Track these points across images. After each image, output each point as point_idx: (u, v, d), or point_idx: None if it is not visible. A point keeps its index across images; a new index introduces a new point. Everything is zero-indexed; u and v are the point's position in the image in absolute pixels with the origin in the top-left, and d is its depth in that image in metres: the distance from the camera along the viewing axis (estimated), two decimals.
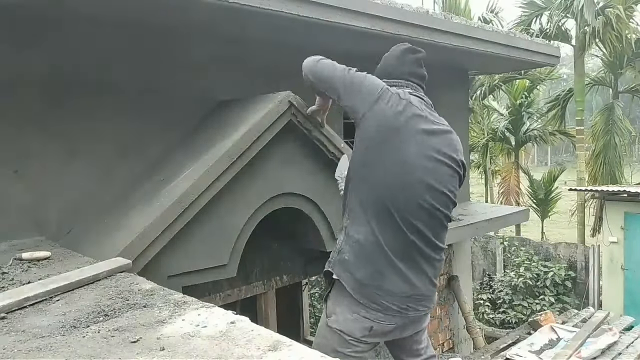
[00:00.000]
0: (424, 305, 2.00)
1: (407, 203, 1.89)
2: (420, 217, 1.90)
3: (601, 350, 4.08)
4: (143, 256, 2.05)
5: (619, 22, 10.06)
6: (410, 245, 1.91)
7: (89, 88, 2.58)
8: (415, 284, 1.93)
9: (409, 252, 1.91)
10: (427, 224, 1.93)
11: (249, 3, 2.41)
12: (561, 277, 9.18)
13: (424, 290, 1.97)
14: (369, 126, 1.94)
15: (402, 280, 1.90)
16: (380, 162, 1.91)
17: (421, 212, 1.91)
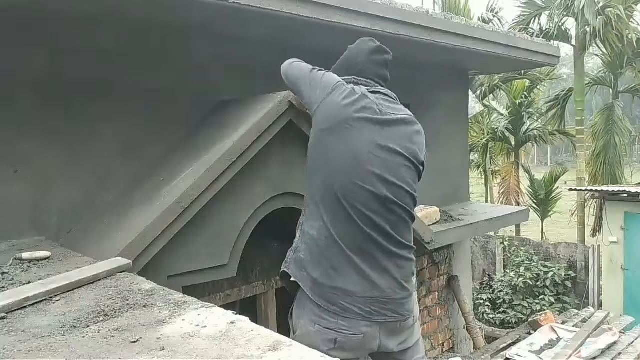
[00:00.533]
0: (393, 310, 1.85)
1: (359, 194, 1.82)
2: (375, 210, 1.83)
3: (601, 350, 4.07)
4: (143, 256, 2.05)
5: (619, 22, 10.06)
6: (366, 240, 1.82)
7: (89, 88, 2.58)
8: (376, 283, 1.81)
9: (366, 246, 1.82)
10: (384, 217, 1.85)
11: (249, 3, 2.41)
12: (561, 277, 9.18)
13: (390, 292, 1.84)
14: (320, 118, 1.94)
15: (360, 276, 1.79)
16: (330, 153, 1.87)
17: (375, 204, 1.83)
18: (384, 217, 1.85)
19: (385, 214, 1.86)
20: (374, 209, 1.84)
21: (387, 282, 1.84)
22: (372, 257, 1.83)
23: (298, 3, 2.61)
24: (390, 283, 1.85)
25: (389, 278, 1.85)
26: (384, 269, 1.85)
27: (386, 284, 1.84)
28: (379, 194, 1.84)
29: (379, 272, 1.83)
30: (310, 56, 3.51)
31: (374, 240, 1.83)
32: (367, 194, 1.83)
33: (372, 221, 1.83)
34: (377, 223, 1.84)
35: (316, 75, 2.10)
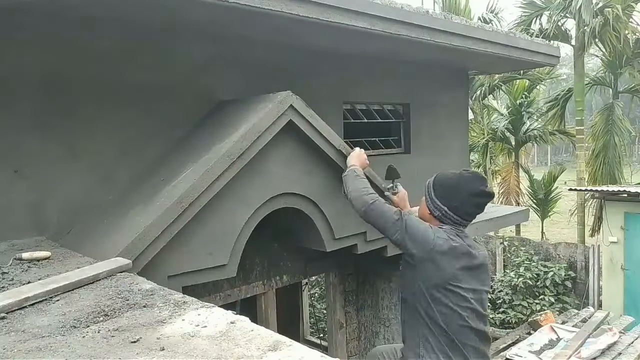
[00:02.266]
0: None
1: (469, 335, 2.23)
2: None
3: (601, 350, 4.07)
4: (143, 256, 2.05)
5: (617, 21, 10.06)
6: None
7: (89, 88, 2.58)
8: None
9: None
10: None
11: (249, 3, 2.41)
12: (561, 277, 9.18)
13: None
14: (425, 276, 2.23)
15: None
16: (441, 307, 2.22)
17: (475, 337, 2.23)
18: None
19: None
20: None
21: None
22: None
23: (298, 3, 2.61)
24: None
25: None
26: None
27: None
28: (477, 328, 2.23)
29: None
30: (310, 56, 3.53)
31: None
32: (472, 331, 2.23)
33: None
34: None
35: (410, 225, 2.30)
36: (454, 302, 2.19)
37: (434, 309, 2.20)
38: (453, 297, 2.19)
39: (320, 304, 7.54)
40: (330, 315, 3.99)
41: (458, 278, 2.20)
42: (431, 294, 2.21)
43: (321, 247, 2.91)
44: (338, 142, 2.78)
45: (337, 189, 2.88)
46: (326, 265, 3.77)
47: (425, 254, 2.22)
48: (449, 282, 2.19)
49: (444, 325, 2.18)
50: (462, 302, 2.19)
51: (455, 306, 2.19)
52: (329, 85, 3.70)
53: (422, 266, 2.25)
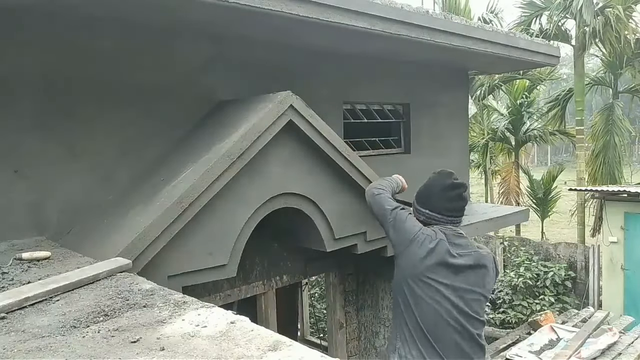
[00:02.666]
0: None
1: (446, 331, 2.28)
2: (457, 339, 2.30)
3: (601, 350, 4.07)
4: (143, 256, 2.05)
5: (618, 22, 10.06)
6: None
7: (89, 88, 2.58)
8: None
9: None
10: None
11: (249, 3, 2.41)
12: (561, 277, 9.18)
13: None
14: (403, 264, 2.38)
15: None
16: (413, 298, 2.31)
17: (457, 336, 2.27)
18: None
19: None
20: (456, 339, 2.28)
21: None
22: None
23: (298, 3, 2.61)
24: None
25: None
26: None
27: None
28: (457, 325, 2.26)
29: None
30: (310, 56, 3.53)
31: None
32: (450, 327, 2.26)
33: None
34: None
35: (399, 217, 2.46)
36: (430, 295, 2.25)
37: (410, 301, 2.29)
38: (428, 290, 2.26)
39: (320, 304, 7.54)
40: (330, 315, 3.99)
41: (434, 271, 2.28)
42: (408, 284, 2.30)
43: (321, 247, 2.91)
44: (338, 142, 2.78)
45: (337, 189, 2.88)
46: (326, 265, 3.77)
47: (405, 243, 2.36)
48: (424, 274, 2.28)
49: (419, 318, 2.24)
50: (437, 296, 2.24)
51: (430, 300, 2.25)
52: (329, 85, 3.70)
53: (402, 256, 2.39)
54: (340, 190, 2.90)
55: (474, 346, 2.29)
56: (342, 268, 3.91)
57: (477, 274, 2.35)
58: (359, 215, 3.01)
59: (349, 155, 2.83)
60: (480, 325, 2.32)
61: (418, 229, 2.38)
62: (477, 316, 2.30)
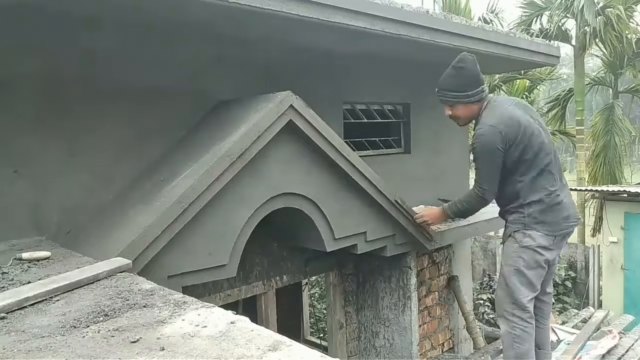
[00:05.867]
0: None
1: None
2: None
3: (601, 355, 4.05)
4: (143, 256, 2.05)
5: (619, 22, 10.06)
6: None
7: (89, 88, 2.58)
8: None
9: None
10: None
11: (249, 3, 2.41)
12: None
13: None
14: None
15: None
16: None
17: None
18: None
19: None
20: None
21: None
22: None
23: (298, 3, 2.61)
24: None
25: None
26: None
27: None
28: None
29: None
30: (310, 56, 3.53)
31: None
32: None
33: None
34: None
35: (489, 166, 2.77)
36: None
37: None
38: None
39: (320, 304, 7.54)
40: (330, 315, 3.99)
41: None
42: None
43: (321, 247, 2.91)
44: (338, 142, 2.78)
45: (337, 189, 2.88)
46: (326, 265, 3.77)
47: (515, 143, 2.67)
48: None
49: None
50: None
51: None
52: (329, 85, 3.69)
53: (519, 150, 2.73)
54: (340, 190, 2.90)
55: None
56: (342, 268, 3.91)
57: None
58: (359, 215, 3.01)
59: (349, 155, 2.83)
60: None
61: (494, 142, 2.64)
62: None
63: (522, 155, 2.68)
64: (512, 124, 2.67)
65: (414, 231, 3.31)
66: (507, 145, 2.66)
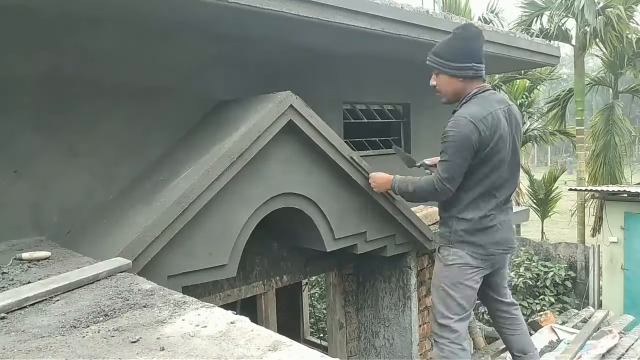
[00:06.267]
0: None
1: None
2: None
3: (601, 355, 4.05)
4: (143, 256, 2.05)
5: (619, 22, 10.07)
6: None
7: (89, 88, 2.58)
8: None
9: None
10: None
11: (249, 3, 2.41)
12: (561, 277, 9.18)
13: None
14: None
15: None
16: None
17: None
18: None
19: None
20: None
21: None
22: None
23: (298, 3, 2.61)
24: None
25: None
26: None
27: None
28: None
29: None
30: (310, 56, 3.53)
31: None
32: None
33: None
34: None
35: (454, 155, 2.46)
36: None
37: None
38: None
39: (320, 304, 7.54)
40: (330, 315, 3.99)
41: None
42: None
43: (321, 247, 2.91)
44: (338, 142, 2.78)
45: (337, 189, 2.88)
46: (326, 265, 3.77)
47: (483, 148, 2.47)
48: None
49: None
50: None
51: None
52: (329, 85, 3.69)
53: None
54: (340, 190, 2.90)
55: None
56: (342, 268, 3.91)
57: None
58: (359, 215, 3.01)
59: (349, 155, 2.83)
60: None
61: (466, 134, 2.41)
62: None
63: (478, 167, 2.47)
64: (492, 131, 2.43)
65: (414, 231, 3.31)
66: (477, 149, 2.43)
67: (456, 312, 2.58)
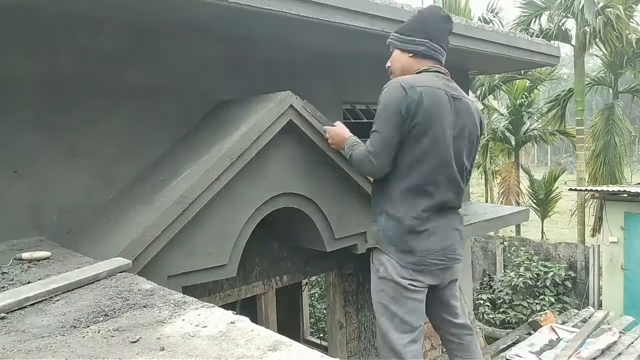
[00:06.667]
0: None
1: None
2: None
3: (601, 350, 4.07)
4: (143, 256, 2.04)
5: (619, 22, 10.07)
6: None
7: (89, 88, 2.58)
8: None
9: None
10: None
11: (249, 3, 2.41)
12: (561, 277, 9.19)
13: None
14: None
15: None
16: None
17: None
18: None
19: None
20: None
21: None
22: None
23: (298, 3, 2.61)
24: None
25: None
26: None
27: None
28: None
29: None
30: (310, 56, 3.53)
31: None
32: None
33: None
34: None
35: (382, 124, 2.21)
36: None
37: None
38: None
39: (320, 304, 7.54)
40: (330, 315, 3.99)
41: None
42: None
43: (321, 247, 2.91)
44: None
45: (337, 189, 2.88)
46: (326, 265, 3.77)
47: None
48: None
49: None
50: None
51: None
52: (329, 85, 3.69)
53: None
54: (340, 190, 2.90)
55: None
56: (342, 268, 3.91)
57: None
58: (359, 215, 3.01)
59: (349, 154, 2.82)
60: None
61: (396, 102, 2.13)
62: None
63: (410, 147, 2.14)
64: (426, 104, 2.09)
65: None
66: (405, 118, 2.11)
67: (402, 330, 2.17)
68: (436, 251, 2.19)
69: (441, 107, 2.15)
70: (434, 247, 2.18)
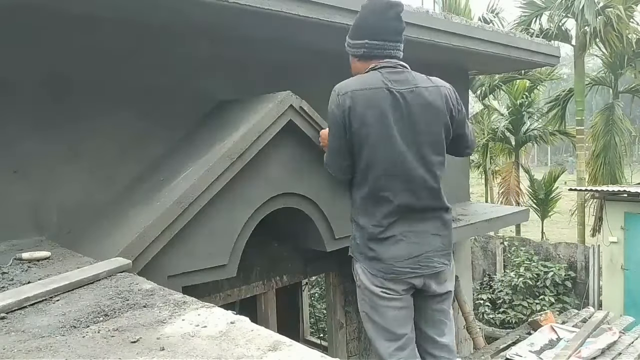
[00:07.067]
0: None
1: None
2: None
3: (601, 350, 4.07)
4: (143, 256, 2.05)
5: (619, 22, 10.07)
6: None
7: (89, 88, 2.58)
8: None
9: None
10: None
11: (249, 3, 2.41)
12: (561, 277, 9.18)
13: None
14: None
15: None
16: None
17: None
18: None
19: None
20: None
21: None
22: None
23: (298, 3, 2.61)
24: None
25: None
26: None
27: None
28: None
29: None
30: (310, 56, 3.53)
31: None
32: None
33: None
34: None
35: (330, 136, 2.21)
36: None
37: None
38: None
39: (320, 304, 7.54)
40: (330, 315, 3.98)
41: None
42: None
43: (321, 247, 2.91)
44: None
45: (337, 189, 2.88)
46: (326, 265, 3.77)
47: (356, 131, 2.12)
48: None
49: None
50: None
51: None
52: (329, 85, 3.68)
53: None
54: (340, 190, 2.90)
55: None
56: (342, 268, 3.91)
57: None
58: None
59: None
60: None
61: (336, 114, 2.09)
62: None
63: (358, 154, 2.08)
64: (363, 107, 2.03)
65: None
66: (345, 124, 2.06)
67: (387, 338, 2.10)
68: (405, 258, 2.07)
69: (379, 107, 2.05)
70: (401, 253, 2.07)
